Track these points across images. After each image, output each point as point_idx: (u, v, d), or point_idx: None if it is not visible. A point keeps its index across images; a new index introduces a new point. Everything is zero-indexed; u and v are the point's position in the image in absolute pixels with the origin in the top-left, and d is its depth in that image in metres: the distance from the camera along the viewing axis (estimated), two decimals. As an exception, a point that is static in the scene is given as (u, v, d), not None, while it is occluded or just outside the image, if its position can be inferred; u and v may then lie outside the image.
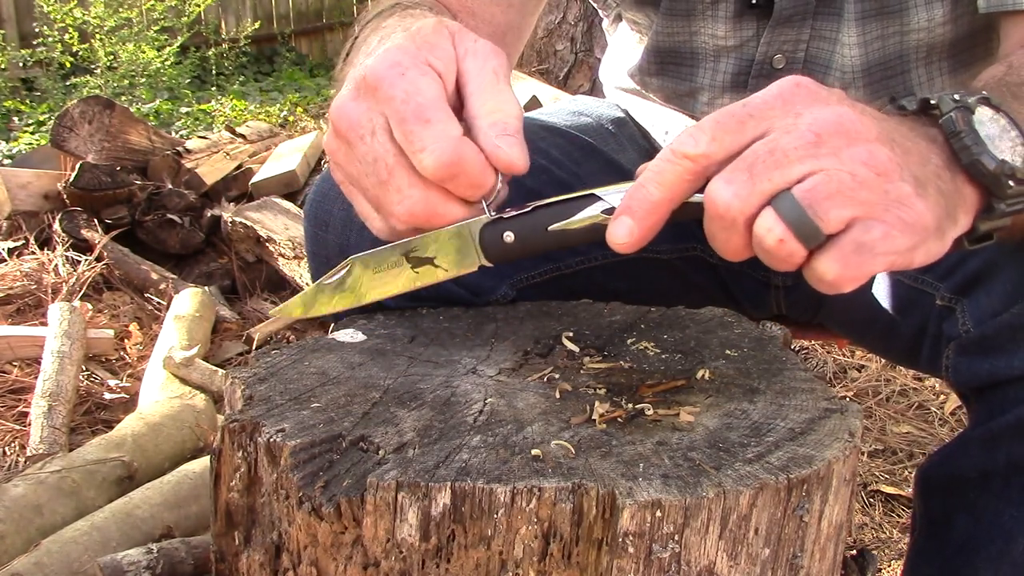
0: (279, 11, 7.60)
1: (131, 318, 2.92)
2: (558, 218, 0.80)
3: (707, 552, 0.71)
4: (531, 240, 0.81)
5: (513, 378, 0.87)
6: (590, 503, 0.68)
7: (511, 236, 0.81)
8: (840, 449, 0.75)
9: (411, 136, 0.75)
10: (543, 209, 0.81)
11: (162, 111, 5.52)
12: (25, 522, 1.66)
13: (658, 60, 1.24)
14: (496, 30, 1.13)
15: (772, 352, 0.95)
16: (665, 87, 1.27)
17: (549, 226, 0.80)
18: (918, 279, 1.12)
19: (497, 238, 0.81)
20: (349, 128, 0.79)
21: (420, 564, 0.70)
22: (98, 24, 5.69)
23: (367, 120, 0.78)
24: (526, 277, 1.18)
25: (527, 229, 0.81)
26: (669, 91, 1.27)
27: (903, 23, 1.09)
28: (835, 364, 2.77)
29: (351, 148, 0.79)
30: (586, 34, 4.06)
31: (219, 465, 0.80)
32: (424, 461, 0.71)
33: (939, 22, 1.08)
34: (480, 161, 0.76)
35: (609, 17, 1.39)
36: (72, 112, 3.43)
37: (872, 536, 2.04)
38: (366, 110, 0.78)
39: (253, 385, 0.83)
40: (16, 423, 2.29)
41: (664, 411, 0.81)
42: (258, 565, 0.78)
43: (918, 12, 1.08)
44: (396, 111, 0.76)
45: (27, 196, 3.31)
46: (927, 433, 2.44)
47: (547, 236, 0.80)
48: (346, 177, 0.83)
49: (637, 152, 1.34)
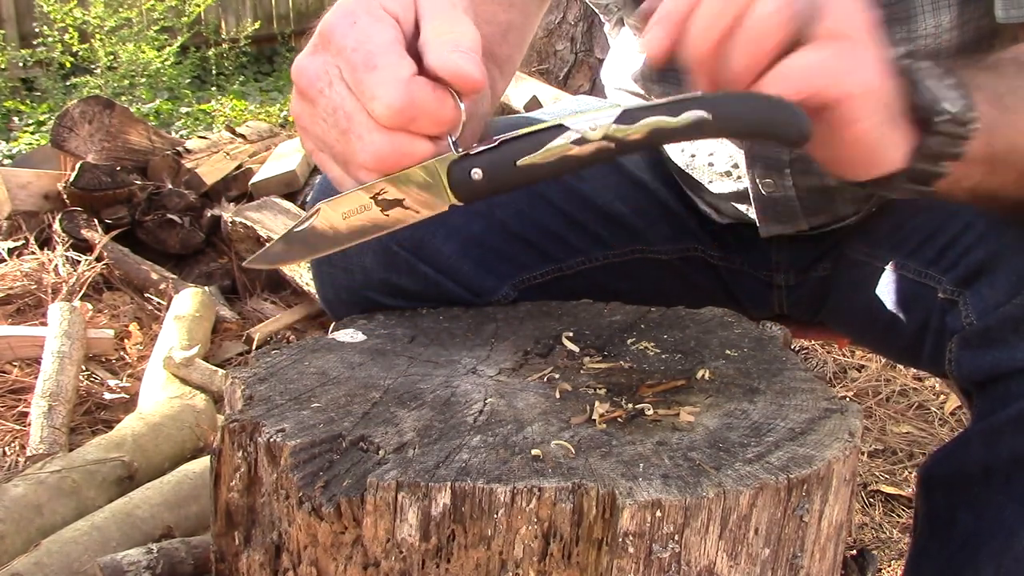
0: (279, 11, 7.60)
1: (131, 318, 2.92)
2: (526, 151, 0.77)
3: (707, 552, 0.71)
4: (500, 176, 0.78)
5: (513, 378, 0.87)
6: (590, 503, 0.68)
7: (479, 173, 0.78)
8: (840, 449, 0.75)
9: (361, 85, 0.73)
10: (511, 143, 0.77)
11: (162, 111, 5.52)
12: (25, 522, 1.66)
13: (660, 67, 1.24)
14: (497, 29, 1.12)
15: (772, 352, 0.95)
16: (667, 93, 1.27)
17: (518, 160, 0.77)
18: (921, 273, 1.12)
19: (465, 176, 0.78)
20: (308, 84, 0.77)
21: (420, 564, 0.70)
22: (98, 24, 5.69)
23: (323, 72, 0.76)
24: (527, 278, 1.18)
25: (495, 165, 0.78)
26: None
27: (910, 30, 1.09)
28: (835, 364, 2.77)
29: (313, 106, 0.78)
30: (586, 34, 4.06)
31: (219, 465, 0.80)
32: (424, 461, 0.71)
33: (946, 28, 1.09)
34: (434, 96, 0.74)
35: (611, 21, 1.39)
36: (72, 112, 3.43)
37: (872, 536, 2.04)
38: (321, 63, 0.76)
39: (253, 385, 0.83)
40: (16, 423, 2.29)
41: (664, 411, 0.81)
42: (258, 565, 0.78)
43: (925, 19, 1.08)
44: (347, 60, 0.74)
45: (27, 196, 3.31)
46: (927, 433, 2.44)
47: (516, 171, 0.77)
48: (313, 141, 0.81)
49: (639, 152, 1.34)
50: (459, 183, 0.78)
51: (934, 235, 1.13)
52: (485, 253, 1.12)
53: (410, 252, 1.08)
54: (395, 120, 0.73)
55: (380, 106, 0.73)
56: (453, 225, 1.10)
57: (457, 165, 0.78)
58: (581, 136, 0.75)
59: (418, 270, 1.09)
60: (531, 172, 0.77)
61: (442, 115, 0.74)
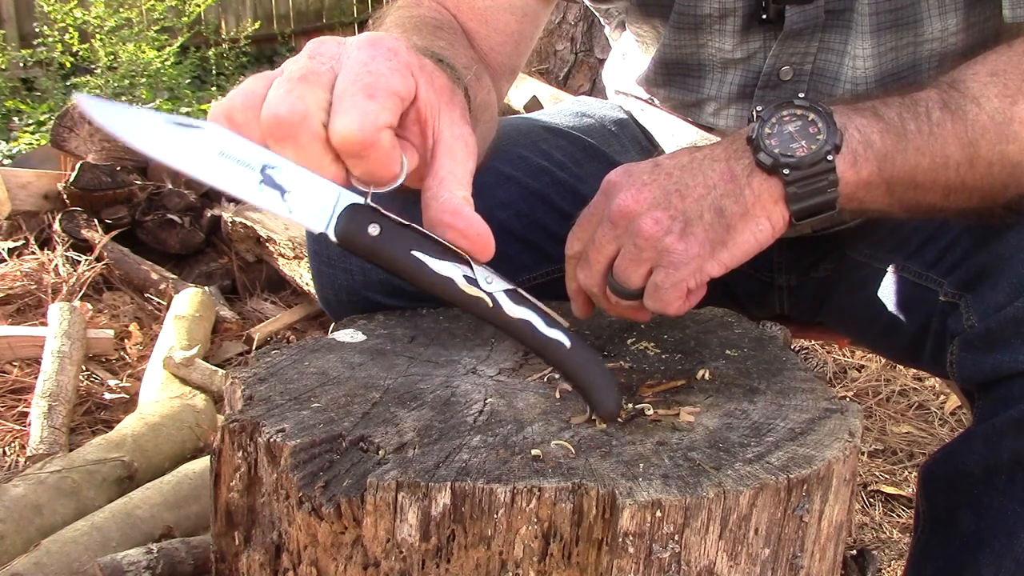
0: (279, 11, 7.60)
1: (131, 318, 2.92)
2: (427, 251, 0.75)
3: (707, 552, 0.71)
4: (388, 248, 0.75)
5: (513, 378, 0.87)
6: (590, 503, 0.68)
7: (376, 230, 0.75)
8: (840, 449, 0.75)
9: (345, 96, 0.70)
10: (422, 236, 0.75)
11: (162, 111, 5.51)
12: (25, 522, 1.66)
13: (665, 71, 1.24)
14: (509, 39, 1.12)
15: (772, 352, 0.95)
16: (672, 97, 1.27)
17: (412, 250, 0.75)
18: (922, 276, 1.12)
19: (361, 225, 0.75)
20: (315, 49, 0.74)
21: (420, 564, 0.70)
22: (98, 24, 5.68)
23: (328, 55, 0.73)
24: (527, 278, 1.18)
25: (393, 237, 0.75)
26: (676, 101, 1.27)
27: (917, 34, 1.09)
28: (835, 364, 2.77)
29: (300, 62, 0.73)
30: (586, 34, 4.06)
31: (219, 465, 0.80)
32: (424, 461, 0.71)
33: (952, 31, 1.09)
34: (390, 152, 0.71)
35: (611, 24, 1.39)
36: (72, 112, 3.42)
37: (872, 536, 2.04)
38: (333, 46, 0.74)
39: (253, 385, 0.83)
40: (16, 423, 2.29)
41: (664, 411, 0.81)
42: (258, 565, 0.78)
43: (932, 22, 1.08)
44: (351, 72, 0.71)
45: (27, 196, 3.30)
46: (927, 433, 2.44)
47: (406, 258, 0.75)
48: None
49: (639, 153, 1.34)
50: (350, 226, 0.75)
51: (935, 237, 1.13)
52: (485, 253, 1.12)
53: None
54: (344, 144, 0.70)
55: (344, 126, 0.69)
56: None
57: (361, 210, 0.74)
58: (473, 278, 0.75)
59: (418, 270, 1.08)
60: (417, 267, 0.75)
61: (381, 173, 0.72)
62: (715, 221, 0.87)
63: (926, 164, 0.91)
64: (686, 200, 0.88)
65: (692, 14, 1.14)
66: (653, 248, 0.87)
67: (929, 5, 1.07)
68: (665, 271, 0.87)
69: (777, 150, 0.87)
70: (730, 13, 1.12)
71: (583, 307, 0.97)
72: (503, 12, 1.11)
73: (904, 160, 0.90)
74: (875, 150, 0.89)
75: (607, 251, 0.90)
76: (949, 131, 0.91)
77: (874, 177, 0.90)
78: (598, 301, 0.94)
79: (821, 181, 0.87)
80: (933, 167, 0.91)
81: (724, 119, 1.21)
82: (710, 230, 0.87)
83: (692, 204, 0.88)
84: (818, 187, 0.87)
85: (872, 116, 0.91)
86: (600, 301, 0.94)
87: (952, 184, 0.93)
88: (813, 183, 0.87)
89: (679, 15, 1.15)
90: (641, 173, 0.90)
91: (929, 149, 0.91)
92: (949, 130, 0.91)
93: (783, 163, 0.87)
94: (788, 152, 0.87)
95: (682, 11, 1.14)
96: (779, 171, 0.87)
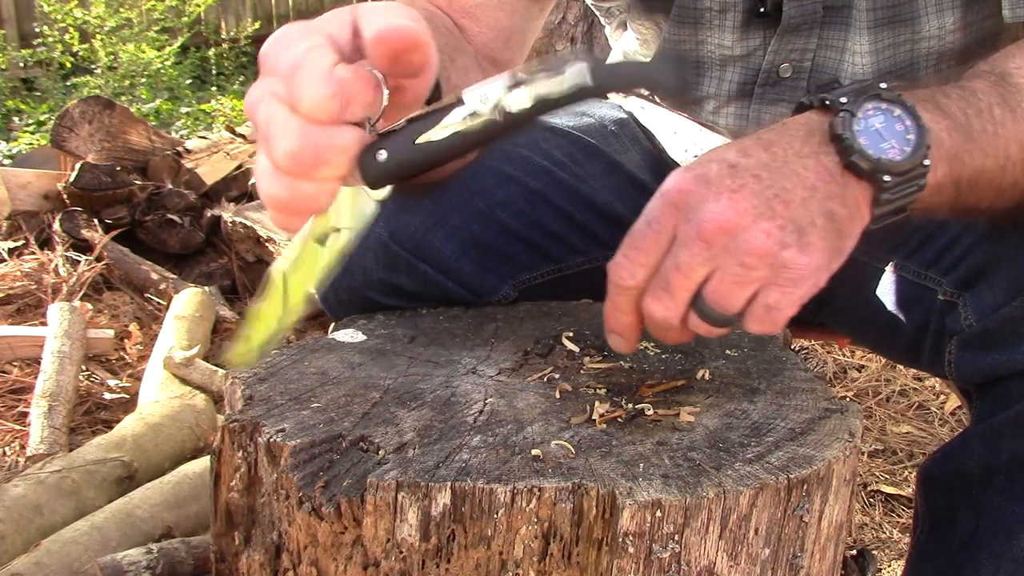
0: (279, 11, 7.60)
1: (131, 318, 2.92)
2: (424, 129, 0.73)
3: (707, 552, 0.71)
4: (402, 156, 0.73)
5: (513, 378, 0.88)
6: (590, 503, 0.68)
7: (384, 154, 0.73)
8: (840, 449, 0.75)
9: (291, 91, 0.69)
10: (414, 121, 0.73)
11: (162, 111, 5.51)
12: (25, 522, 1.66)
13: None
14: (499, 35, 1.12)
15: (772, 352, 0.95)
16: None
17: (416, 139, 0.73)
18: (921, 275, 1.12)
19: (372, 159, 0.73)
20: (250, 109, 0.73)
21: (420, 564, 0.70)
22: (98, 24, 5.68)
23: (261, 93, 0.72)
24: (527, 278, 1.18)
25: (398, 145, 0.73)
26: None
27: (914, 31, 1.09)
28: (835, 364, 2.77)
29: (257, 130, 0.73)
30: (586, 34, 4.06)
31: (219, 465, 0.80)
32: (424, 461, 0.71)
33: (949, 29, 1.09)
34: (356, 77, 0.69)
35: (612, 25, 1.39)
36: (72, 112, 3.43)
37: (872, 536, 2.04)
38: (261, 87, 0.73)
39: (253, 385, 0.83)
40: (16, 423, 2.29)
41: (664, 411, 0.81)
42: (258, 565, 0.78)
43: (929, 20, 1.08)
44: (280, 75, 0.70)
45: (27, 196, 3.30)
46: (927, 433, 2.44)
47: (415, 151, 0.73)
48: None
49: (639, 153, 1.34)
50: (367, 167, 0.73)
51: (934, 236, 1.13)
52: (485, 253, 1.12)
53: (410, 252, 1.08)
54: (327, 111, 0.69)
55: (308, 101, 0.68)
56: (453, 225, 1.10)
57: (367, 149, 0.73)
58: (473, 111, 0.72)
59: (418, 270, 1.09)
60: (428, 151, 0.73)
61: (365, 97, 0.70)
62: (828, 227, 0.77)
63: (990, 165, 0.85)
64: (790, 206, 0.76)
65: (693, 7, 1.14)
66: (768, 266, 0.75)
67: (926, 2, 1.07)
68: (781, 289, 0.76)
69: (871, 151, 0.78)
70: (730, 8, 1.12)
71: (632, 342, 0.83)
72: (492, 8, 1.11)
73: (971, 161, 0.84)
74: (945, 150, 0.82)
75: (697, 275, 0.76)
76: (1011, 131, 0.86)
77: (945, 179, 0.82)
78: (667, 332, 0.80)
79: (912, 187, 0.79)
80: (995, 168, 0.86)
81: (724, 117, 1.21)
82: (827, 238, 0.77)
83: (799, 210, 0.76)
84: (907, 192, 0.79)
85: (937, 111, 0.83)
86: (671, 333, 0.80)
87: (1004, 185, 0.87)
88: (904, 189, 0.79)
89: (680, 8, 1.15)
90: (722, 178, 0.76)
91: (993, 150, 0.85)
92: (1010, 130, 0.86)
93: (884, 167, 0.78)
94: (882, 154, 0.78)
95: (683, 4, 1.14)
96: (876, 176, 0.78)
